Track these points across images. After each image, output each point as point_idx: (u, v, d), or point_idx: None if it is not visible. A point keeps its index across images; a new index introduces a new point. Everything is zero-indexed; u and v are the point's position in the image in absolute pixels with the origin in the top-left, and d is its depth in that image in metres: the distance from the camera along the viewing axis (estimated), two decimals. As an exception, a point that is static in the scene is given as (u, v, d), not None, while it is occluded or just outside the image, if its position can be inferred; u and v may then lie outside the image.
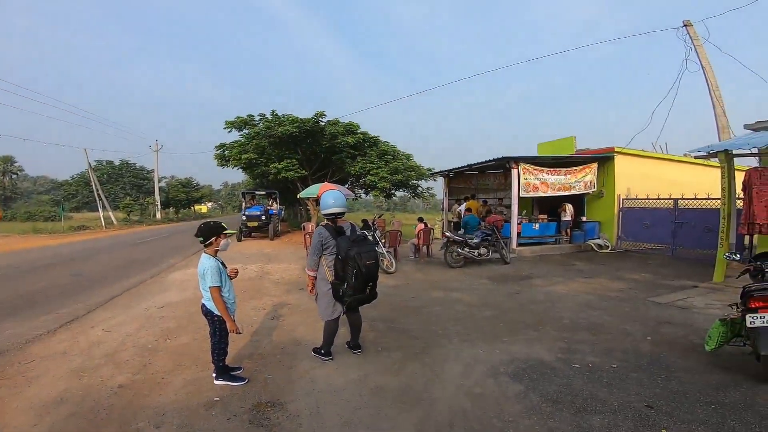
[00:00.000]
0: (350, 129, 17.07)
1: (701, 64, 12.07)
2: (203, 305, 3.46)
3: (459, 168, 14.87)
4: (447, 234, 10.03)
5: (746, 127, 8.83)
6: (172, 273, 9.21)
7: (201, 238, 3.38)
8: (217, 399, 3.24)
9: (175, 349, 4.41)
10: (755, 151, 7.49)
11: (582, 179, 12.19)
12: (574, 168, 12.14)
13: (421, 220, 11.96)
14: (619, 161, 12.47)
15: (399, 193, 20.90)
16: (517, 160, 11.36)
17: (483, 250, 9.79)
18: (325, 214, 3.87)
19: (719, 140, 11.04)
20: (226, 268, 3.54)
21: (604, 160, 12.54)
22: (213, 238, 3.38)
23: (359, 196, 24.04)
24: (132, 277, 8.84)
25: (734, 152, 7.50)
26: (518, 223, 11.65)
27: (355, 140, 16.70)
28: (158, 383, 3.56)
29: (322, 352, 3.98)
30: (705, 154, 7.71)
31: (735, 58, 14.11)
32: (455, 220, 13.92)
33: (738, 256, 4.29)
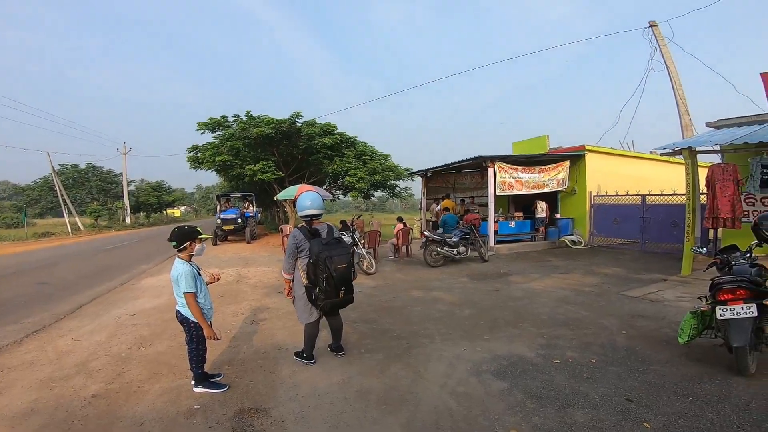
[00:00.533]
0: (327, 130, 16.92)
1: (666, 64, 12.60)
2: (178, 312, 3.35)
3: (436, 167, 14.98)
4: (426, 233, 10.08)
5: (708, 125, 9.25)
6: (145, 279, 8.91)
7: (174, 243, 3.26)
8: (198, 407, 3.15)
9: (150, 357, 4.26)
10: (717, 147, 7.84)
11: (555, 177, 12.49)
12: (547, 166, 12.44)
13: (400, 219, 11.99)
14: (590, 159, 12.85)
15: (377, 194, 20.89)
16: (493, 159, 11.53)
17: (462, 249, 9.89)
18: (301, 216, 3.81)
19: (683, 138, 11.55)
20: (201, 273, 3.43)
21: (575, 158, 12.90)
22: (187, 243, 3.27)
23: (337, 197, 23.88)
24: (101, 284, 8.51)
25: (697, 149, 7.83)
26: (495, 222, 11.84)
27: (333, 141, 16.56)
28: (134, 392, 3.44)
29: (304, 355, 3.92)
30: (670, 151, 8.03)
31: (697, 57, 14.87)
32: (433, 219, 14.02)
33: (704, 249, 4.46)
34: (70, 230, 26.97)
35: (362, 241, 9.75)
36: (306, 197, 3.79)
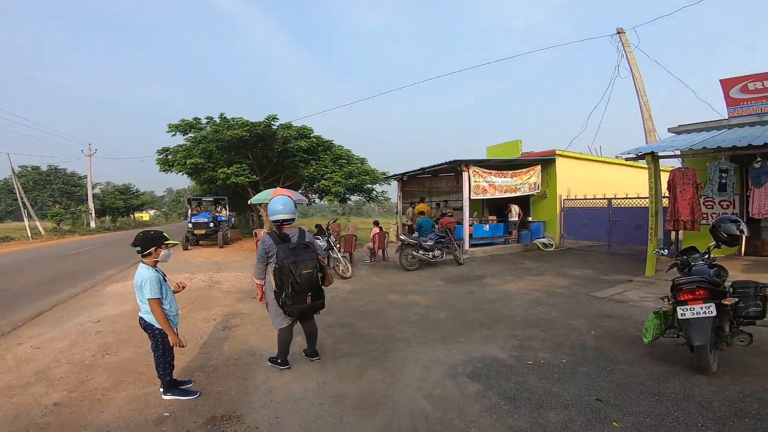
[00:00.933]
0: (303, 133, 16.78)
1: (631, 71, 13.15)
2: (141, 318, 3.24)
3: (412, 171, 15.09)
4: (402, 237, 10.13)
5: (670, 130, 9.71)
6: (110, 285, 8.56)
7: (138, 248, 3.16)
8: (167, 414, 3.05)
9: (115, 364, 4.11)
10: (678, 152, 8.24)
11: (527, 181, 12.80)
12: (520, 170, 12.75)
13: (376, 223, 12.00)
14: (560, 163, 13.26)
15: (354, 198, 20.84)
16: (468, 163, 11.72)
17: (437, 252, 9.98)
18: (272, 221, 3.77)
19: (646, 143, 12.06)
20: (166, 280, 3.34)
21: (546, 162, 13.28)
22: (152, 249, 3.17)
23: (313, 201, 23.70)
24: (63, 291, 8.11)
25: (659, 154, 8.20)
26: (470, 225, 12.02)
27: (309, 144, 16.43)
28: (98, 400, 3.31)
29: (279, 361, 3.86)
30: (634, 156, 8.38)
31: (660, 64, 15.54)
32: (410, 223, 14.09)
33: (666, 251, 4.67)
34: (30, 235, 25.61)
35: (338, 246, 9.70)
36: (278, 201, 3.75)
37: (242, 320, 5.66)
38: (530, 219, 13.55)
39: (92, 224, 34.58)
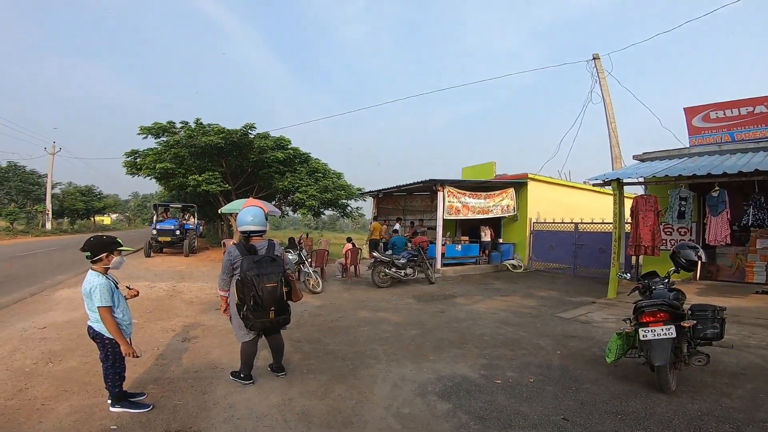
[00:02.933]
0: (280, 144, 16.60)
1: (602, 96, 13.76)
2: (90, 327, 3.06)
3: (388, 189, 15.16)
4: (374, 254, 10.08)
5: (635, 157, 10.19)
6: (60, 291, 8.06)
7: (88, 254, 2.99)
8: (115, 427, 2.86)
9: (59, 373, 3.86)
10: (641, 180, 8.65)
11: (499, 203, 13.09)
12: (493, 192, 13.03)
13: (349, 240, 11.93)
14: (531, 187, 13.65)
15: (328, 212, 20.67)
16: (443, 183, 11.89)
17: (409, 270, 9.98)
18: (240, 231, 3.67)
19: (612, 169, 12.61)
20: (118, 287, 3.17)
21: (518, 185, 13.64)
22: (103, 255, 3.01)
23: (286, 214, 23.33)
24: (8, 294, 7.61)
25: (624, 181, 8.58)
26: (443, 245, 12.11)
27: (285, 156, 16.23)
28: (37, 410, 3.08)
29: (242, 375, 3.70)
30: (600, 182, 8.73)
31: (630, 91, 16.44)
32: (385, 240, 14.07)
33: (628, 275, 4.84)
34: (-23, 234, 23.94)
35: (310, 260, 9.54)
36: (248, 212, 3.66)
37: (204, 332, 5.43)
38: (501, 241, 13.81)
39: (48, 225, 32.66)
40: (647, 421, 3.04)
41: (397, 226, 12.73)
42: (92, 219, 45.76)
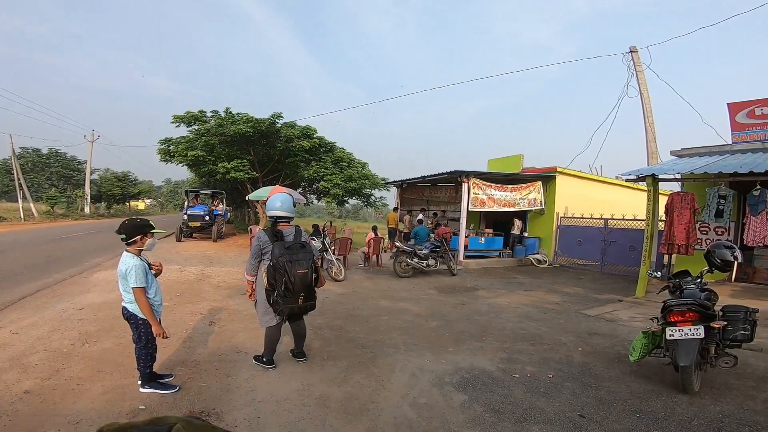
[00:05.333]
0: (307, 133, 16.76)
1: (640, 90, 13.19)
2: (124, 308, 3.19)
3: (412, 179, 15.12)
4: (397, 244, 10.11)
5: (672, 153, 9.76)
6: (97, 273, 8.45)
7: (123, 236, 3.10)
8: (143, 407, 2.98)
9: (94, 354, 4.03)
10: (678, 176, 8.27)
11: (526, 196, 12.83)
12: (520, 185, 12.77)
13: (374, 229, 11.98)
14: (560, 181, 13.29)
15: (352, 201, 20.78)
16: (468, 175, 11.74)
17: (431, 261, 9.96)
18: (269, 217, 3.74)
19: (648, 165, 12.11)
20: (152, 267, 3.28)
21: (546, 179, 13.31)
22: (138, 237, 3.11)
23: (311, 202, 23.64)
24: (49, 275, 8.04)
25: (660, 177, 8.24)
26: (466, 237, 12.01)
27: (311, 145, 16.40)
28: (72, 390, 3.24)
29: (264, 360, 3.81)
30: (634, 177, 8.40)
31: (669, 84, 15.70)
32: (405, 230, 14.10)
33: (659, 273, 4.69)
34: (22, 216, 25.46)
35: (333, 248, 9.66)
36: (277, 199, 3.72)
37: (230, 316, 5.61)
38: (526, 234, 13.57)
39: (87, 210, 34.34)
40: (666, 422, 2.97)
41: (420, 216, 12.72)
42: (128, 204, 47.74)
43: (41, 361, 3.80)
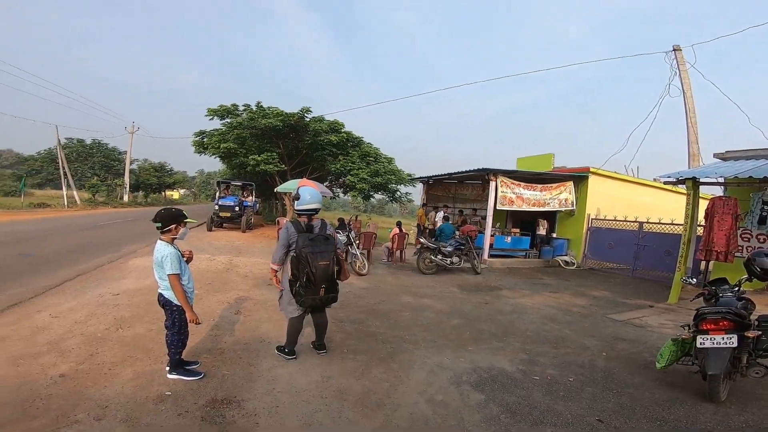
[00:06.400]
0: (334, 127, 16.96)
1: (683, 90, 12.59)
2: (160, 295, 3.32)
3: (439, 176, 15.02)
4: (421, 240, 10.09)
5: (716, 155, 9.26)
6: (133, 259, 8.83)
7: (159, 224, 3.23)
8: (169, 393, 3.10)
9: (126, 339, 4.19)
10: (721, 180, 7.85)
11: (557, 196, 12.50)
12: (550, 185, 12.46)
13: (398, 224, 12.01)
14: (593, 181, 12.87)
15: (377, 196, 20.88)
16: (496, 173, 11.56)
17: (455, 259, 9.90)
18: (297, 210, 3.78)
19: (689, 167, 11.55)
20: (183, 255, 3.41)
21: (578, 179, 12.92)
22: (172, 226, 3.24)
23: (337, 196, 23.89)
24: (88, 261, 8.44)
25: (701, 180, 7.85)
26: (492, 235, 11.85)
27: (339, 139, 16.58)
28: (104, 374, 3.37)
29: (286, 350, 3.91)
30: (674, 180, 8.04)
31: (715, 85, 14.99)
32: (430, 227, 14.05)
33: (694, 280, 4.49)
34: (66, 203, 26.94)
35: (357, 242, 9.75)
36: (306, 191, 3.76)
37: (255, 306, 5.77)
38: (554, 235, 13.24)
39: (125, 198, 36.01)
40: (687, 430, 2.90)
41: (440, 214, 12.68)
42: (163, 193, 49.64)
43: (77, 345, 3.94)
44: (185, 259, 3.41)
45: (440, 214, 13.05)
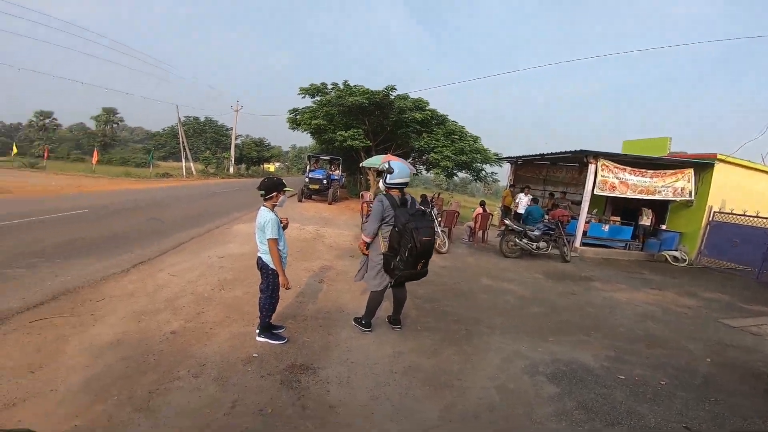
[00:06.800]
0: (419, 105, 16.88)
1: None
2: (259, 258, 3.51)
3: (529, 156, 14.15)
4: (506, 222, 9.69)
5: None
6: (237, 225, 9.71)
7: (263, 192, 3.42)
8: (256, 356, 3.32)
9: (227, 300, 4.55)
10: None
11: (671, 184, 11.04)
12: (664, 171, 11.01)
13: (482, 204, 11.64)
14: (719, 170, 11.04)
15: (461, 174, 20.41)
16: (597, 156, 10.54)
17: (542, 244, 9.36)
18: (390, 184, 3.74)
19: None
20: (282, 223, 3.58)
21: (701, 166, 11.19)
22: (274, 193, 3.44)
23: (420, 173, 23.87)
24: (201, 226, 9.42)
25: None
26: (586, 222, 10.95)
27: (423, 116, 16.48)
28: (206, 333, 3.67)
29: (363, 322, 4.01)
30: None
31: None
32: (514, 209, 13.42)
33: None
34: (184, 173, 30.86)
35: (439, 219, 9.69)
36: (398, 166, 3.74)
37: (338, 276, 6.05)
38: (663, 227, 11.77)
39: (231, 170, 40.01)
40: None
41: (522, 195, 12.08)
42: (262, 166, 54.09)
43: (188, 304, 4.35)
44: (282, 225, 3.58)
45: (522, 196, 12.42)
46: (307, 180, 17.74)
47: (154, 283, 5.03)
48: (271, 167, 64.96)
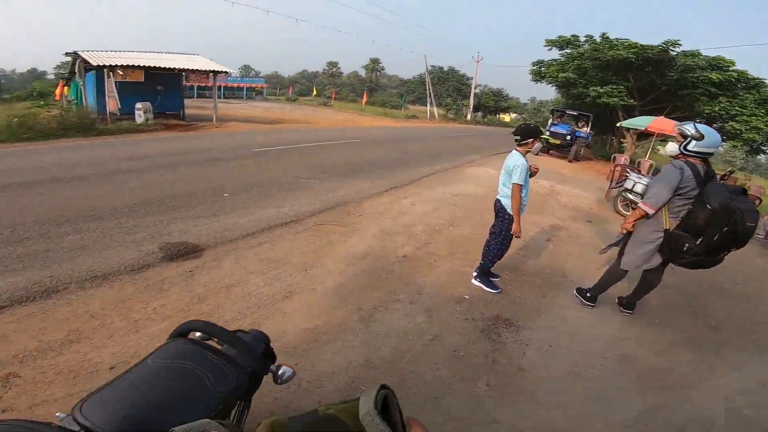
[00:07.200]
0: (717, 64, 13.28)
1: None
2: (498, 201, 3.44)
3: None
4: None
5: None
6: (471, 168, 10.18)
7: (518, 137, 3.34)
8: (467, 297, 3.38)
9: (454, 236, 4.79)
10: None
11: None
12: None
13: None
14: None
15: (769, 153, 15.44)
16: None
17: None
18: (693, 151, 2.98)
19: None
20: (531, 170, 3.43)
21: None
22: (530, 140, 3.32)
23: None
24: (440, 164, 10.24)
25: None
26: None
27: (723, 78, 12.96)
28: (429, 264, 3.92)
29: (588, 295, 3.63)
30: None
31: None
32: None
33: None
34: (428, 116, 34.34)
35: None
36: (707, 130, 2.97)
37: (568, 238, 5.57)
38: None
39: (468, 117, 41.85)
40: None
41: None
42: (498, 115, 53.89)
43: (421, 232, 4.75)
44: (530, 172, 3.42)
45: None
46: (547, 134, 16.65)
47: (399, 209, 5.74)
48: (507, 118, 63.66)
